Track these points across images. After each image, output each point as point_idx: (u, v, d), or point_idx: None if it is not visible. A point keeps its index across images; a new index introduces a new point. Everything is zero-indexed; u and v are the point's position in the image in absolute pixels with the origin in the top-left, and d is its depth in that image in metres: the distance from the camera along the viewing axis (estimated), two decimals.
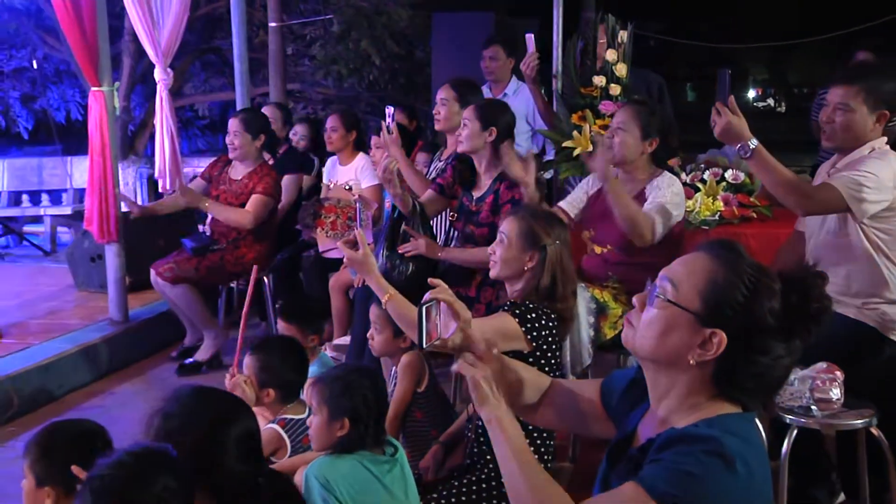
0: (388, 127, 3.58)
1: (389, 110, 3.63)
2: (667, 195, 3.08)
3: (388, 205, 4.07)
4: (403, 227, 3.42)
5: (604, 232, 3.21)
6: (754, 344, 1.30)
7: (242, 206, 4.38)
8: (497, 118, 3.38)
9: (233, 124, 4.42)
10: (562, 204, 3.41)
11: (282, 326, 3.18)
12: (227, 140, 4.44)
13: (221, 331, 4.48)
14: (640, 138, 3.13)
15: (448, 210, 3.64)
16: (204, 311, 4.42)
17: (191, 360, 4.42)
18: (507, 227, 2.54)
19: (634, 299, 1.42)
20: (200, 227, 4.55)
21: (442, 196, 3.57)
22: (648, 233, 2.99)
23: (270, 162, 4.87)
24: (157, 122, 5.10)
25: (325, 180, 5.01)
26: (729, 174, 4.05)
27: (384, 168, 3.29)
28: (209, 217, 4.60)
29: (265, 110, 5.17)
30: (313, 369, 2.84)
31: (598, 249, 3.27)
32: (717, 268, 1.33)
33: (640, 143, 3.13)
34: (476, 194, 3.48)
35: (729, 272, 1.32)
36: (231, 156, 4.45)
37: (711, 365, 1.32)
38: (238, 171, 4.48)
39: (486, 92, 4.99)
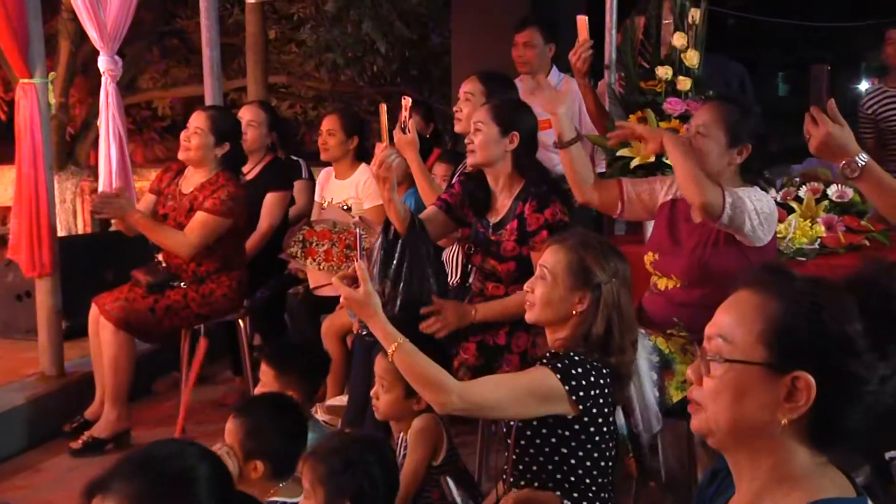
0: (403, 124, 3.57)
1: (407, 101, 3.56)
2: (751, 205, 3.02)
3: None
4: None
5: (670, 259, 3.24)
6: (847, 371, 1.32)
7: None
8: (519, 120, 3.40)
9: (196, 119, 4.45)
10: (624, 179, 3.45)
11: (268, 379, 3.20)
12: (183, 137, 4.46)
13: (129, 413, 4.43)
14: (727, 145, 3.13)
15: (460, 240, 3.65)
16: (128, 379, 4.36)
17: (88, 436, 4.33)
18: (551, 259, 2.57)
19: (689, 372, 1.45)
20: (158, 257, 4.59)
21: (447, 217, 3.56)
22: (717, 198, 2.96)
23: (251, 176, 4.93)
24: (101, 123, 5.13)
25: (317, 198, 5.07)
26: (832, 191, 4.06)
27: (380, 162, 3.26)
28: None
29: (244, 112, 5.19)
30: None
31: (661, 284, 3.29)
32: (766, 301, 1.37)
33: (725, 151, 3.13)
34: (492, 220, 3.50)
35: (783, 301, 1.36)
36: (181, 156, 4.47)
37: (805, 418, 1.34)
38: (190, 183, 4.51)
39: (520, 87, 5.05)
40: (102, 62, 5.06)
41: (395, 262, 3.35)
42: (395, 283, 3.32)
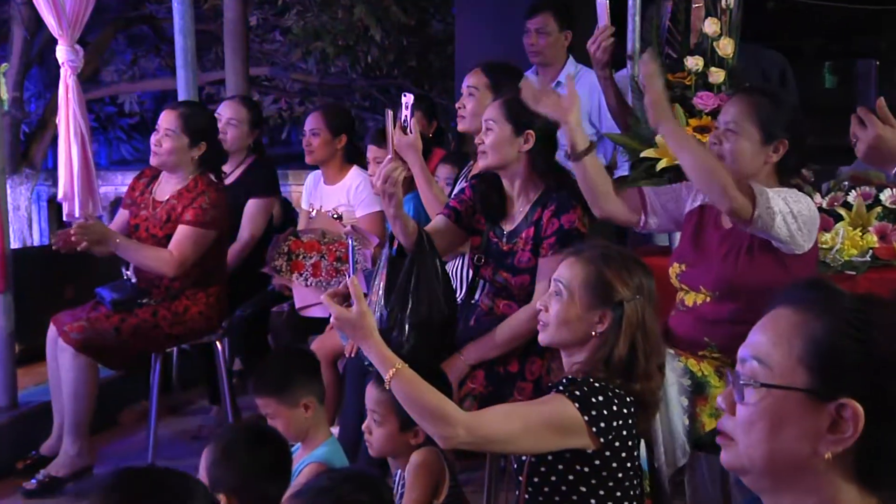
0: (404, 123, 3.59)
1: (407, 99, 3.61)
2: (787, 207, 3.01)
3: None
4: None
5: (698, 270, 3.25)
6: None
7: (169, 241, 4.39)
8: (535, 117, 3.41)
9: (165, 119, 4.46)
10: (645, 188, 3.46)
11: (272, 410, 3.19)
12: (153, 140, 4.49)
13: (91, 448, 4.43)
14: (762, 142, 3.13)
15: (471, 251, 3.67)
16: (90, 410, 4.36)
17: (44, 474, 4.30)
18: (567, 273, 2.59)
19: (719, 400, 1.44)
20: (125, 273, 4.61)
21: (456, 226, 3.58)
22: (739, 192, 2.95)
23: (232, 180, 4.97)
24: (60, 120, 5.14)
25: (303, 204, 5.09)
26: (885, 196, 4.07)
27: (384, 176, 3.27)
28: None
29: (223, 109, 5.24)
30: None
31: (689, 300, 3.30)
32: (809, 319, 1.36)
33: (760, 148, 3.13)
34: (507, 227, 3.52)
35: (827, 319, 1.35)
36: (153, 162, 4.50)
37: (852, 452, 1.33)
38: (165, 189, 4.54)
39: (534, 81, 5.06)
40: (61, 52, 5.07)
41: (400, 281, 3.35)
42: (401, 305, 3.33)
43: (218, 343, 4.63)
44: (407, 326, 3.31)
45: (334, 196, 4.86)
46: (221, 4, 8.02)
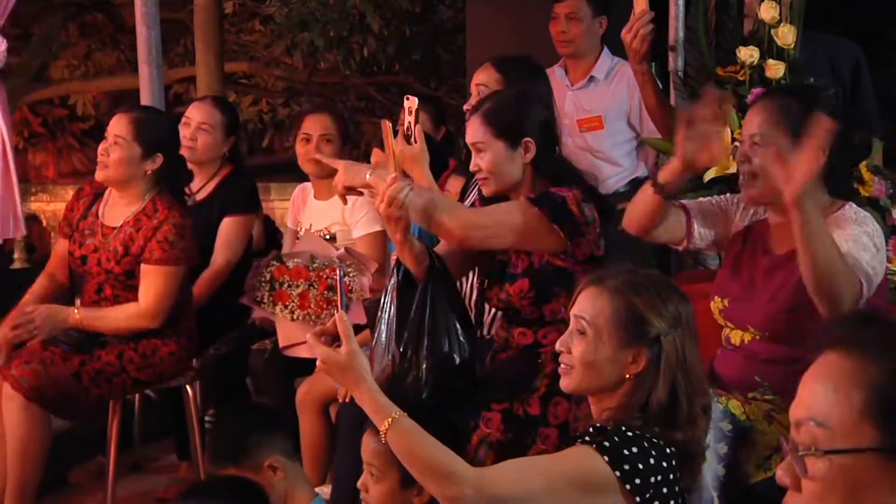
0: (407, 131, 3.64)
1: (410, 102, 3.63)
2: (851, 236, 3.07)
3: (393, 261, 4.14)
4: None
5: (745, 306, 3.28)
6: None
7: (128, 276, 4.41)
8: (526, 119, 3.47)
9: (115, 125, 4.42)
10: (689, 203, 3.49)
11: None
12: (100, 150, 4.44)
13: None
14: (794, 149, 3.07)
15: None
16: (39, 468, 4.34)
17: None
18: (591, 307, 2.61)
19: (779, 474, 1.47)
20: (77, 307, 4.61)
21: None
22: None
23: (203, 195, 5.02)
24: None
25: (289, 223, 5.15)
26: None
27: (389, 199, 3.26)
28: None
29: (193, 111, 5.24)
30: None
31: (735, 338, 3.33)
32: (865, 365, 1.38)
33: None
34: None
35: (887, 362, 1.38)
36: (99, 176, 4.46)
37: None
38: (115, 213, 4.52)
39: (562, 76, 5.12)
40: None
41: (413, 315, 3.40)
42: (416, 342, 3.38)
43: (188, 387, 4.66)
44: (424, 368, 3.35)
45: (326, 213, 4.87)
46: None
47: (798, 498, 1.42)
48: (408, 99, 3.66)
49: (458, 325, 3.43)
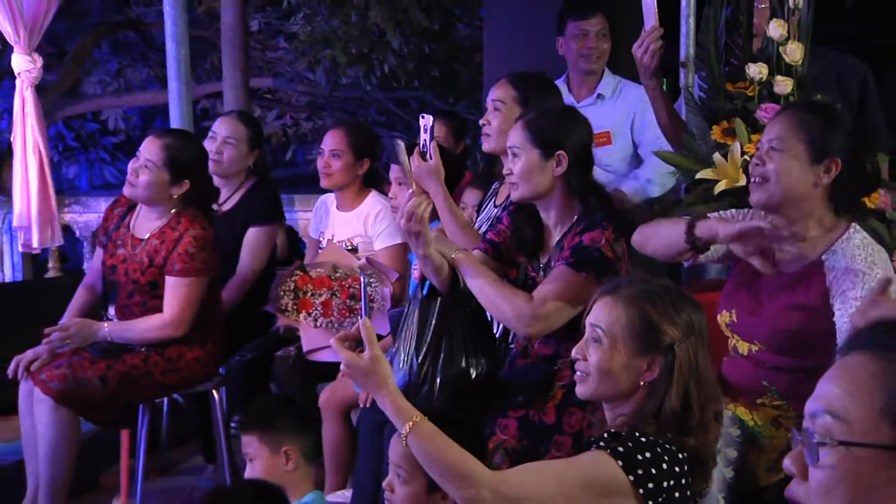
0: (423, 148, 3.67)
1: (426, 121, 3.67)
2: (858, 284, 3.03)
3: (415, 275, 4.13)
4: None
5: (751, 321, 3.28)
6: None
7: (153, 286, 4.46)
8: (564, 135, 3.48)
9: (148, 148, 4.45)
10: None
11: (253, 450, 3.28)
12: (130, 168, 4.49)
13: None
14: (810, 160, 3.13)
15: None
16: (69, 470, 4.38)
17: None
18: (606, 316, 2.62)
19: (787, 463, 1.47)
20: (111, 312, 4.65)
21: (495, 263, 3.62)
22: None
23: (229, 206, 5.05)
24: (15, 137, 5.20)
25: (312, 234, 5.17)
26: None
27: (408, 214, 3.30)
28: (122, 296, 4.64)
29: (220, 126, 5.26)
30: None
31: (743, 348, 3.33)
32: (888, 366, 1.39)
33: (809, 168, 3.13)
34: (544, 259, 3.58)
35: None
36: (127, 193, 4.52)
37: None
38: (144, 225, 4.56)
39: (566, 93, 5.10)
40: (17, 61, 5.15)
41: (432, 327, 3.42)
42: (434, 354, 3.40)
43: (214, 392, 4.67)
44: (438, 381, 3.37)
45: (349, 225, 4.91)
46: (218, 7, 8.06)
47: (804, 487, 1.42)
48: (423, 118, 3.69)
49: (477, 342, 3.45)
